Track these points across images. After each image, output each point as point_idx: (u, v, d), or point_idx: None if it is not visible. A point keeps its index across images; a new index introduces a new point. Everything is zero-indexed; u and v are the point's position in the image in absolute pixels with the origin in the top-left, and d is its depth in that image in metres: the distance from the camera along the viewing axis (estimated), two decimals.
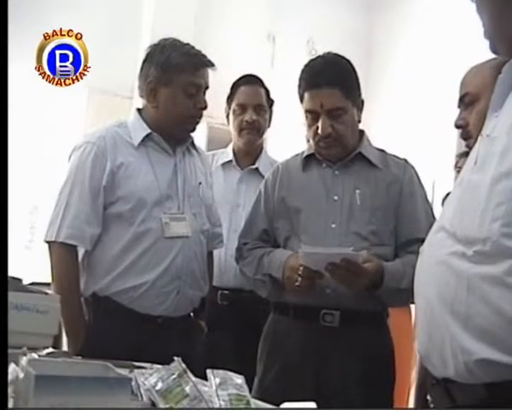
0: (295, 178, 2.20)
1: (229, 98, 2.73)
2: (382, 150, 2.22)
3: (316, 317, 2.01)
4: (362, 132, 2.21)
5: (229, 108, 2.73)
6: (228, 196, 2.63)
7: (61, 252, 2.13)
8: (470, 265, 1.17)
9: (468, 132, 1.73)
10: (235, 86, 2.73)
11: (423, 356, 1.31)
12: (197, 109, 2.20)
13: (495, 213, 1.15)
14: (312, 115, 2.09)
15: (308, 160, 2.20)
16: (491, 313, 1.13)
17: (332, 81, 2.06)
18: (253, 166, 2.74)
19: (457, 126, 1.77)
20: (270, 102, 2.76)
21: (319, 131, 2.07)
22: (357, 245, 2.00)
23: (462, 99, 1.76)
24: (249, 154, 2.75)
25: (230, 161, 2.75)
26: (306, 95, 2.10)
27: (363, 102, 2.17)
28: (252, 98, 2.68)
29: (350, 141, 2.13)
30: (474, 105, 1.71)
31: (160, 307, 2.13)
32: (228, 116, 2.76)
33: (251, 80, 2.72)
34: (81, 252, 2.17)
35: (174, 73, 2.16)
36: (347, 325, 2.00)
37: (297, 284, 1.97)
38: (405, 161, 2.18)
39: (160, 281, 2.13)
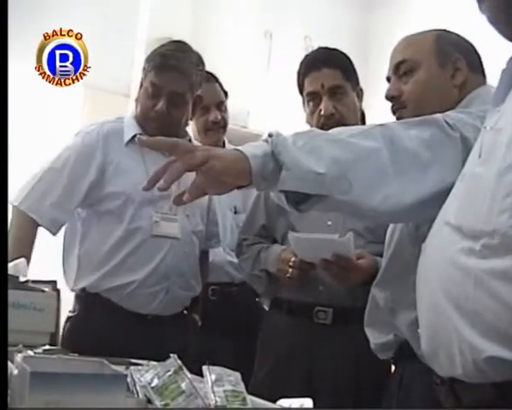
0: None
1: None
2: None
3: (309, 314, 2.02)
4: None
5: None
6: None
7: (24, 219, 2.13)
8: (478, 260, 1.13)
9: (403, 103, 1.65)
10: None
11: (428, 355, 1.27)
12: (154, 112, 2.17)
13: (503, 205, 1.11)
14: (314, 98, 2.10)
15: None
16: (499, 308, 1.09)
17: (331, 62, 2.10)
18: None
19: (390, 97, 1.68)
20: (225, 94, 2.70)
21: (322, 111, 2.07)
22: None
23: (397, 67, 1.68)
24: None
25: None
26: (307, 79, 2.12)
27: (362, 91, 2.18)
28: (213, 97, 2.61)
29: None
30: (411, 74, 1.64)
31: (148, 306, 2.14)
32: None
33: (208, 78, 2.61)
34: (76, 249, 2.18)
35: (146, 71, 2.19)
36: (340, 323, 2.00)
37: (288, 275, 1.97)
38: None
39: (148, 280, 2.13)
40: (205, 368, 1.32)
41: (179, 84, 2.19)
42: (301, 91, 2.18)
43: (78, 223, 2.22)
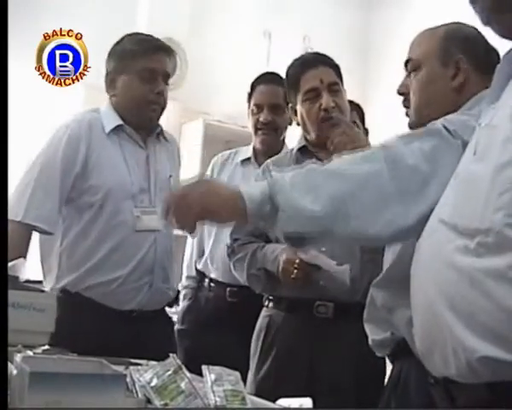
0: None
1: (249, 96, 2.69)
2: None
3: (309, 309, 2.03)
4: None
5: (249, 107, 2.68)
6: None
7: (23, 232, 2.09)
8: (473, 259, 1.12)
9: (409, 101, 1.70)
10: (254, 85, 2.67)
11: (422, 355, 1.27)
12: (154, 94, 2.20)
13: (498, 203, 1.10)
14: (313, 95, 2.15)
15: (301, 154, 2.22)
16: (494, 308, 1.09)
17: (326, 61, 2.20)
18: None
19: (399, 93, 1.74)
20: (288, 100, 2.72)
21: (323, 104, 2.12)
22: None
23: (405, 65, 1.73)
24: (268, 153, 2.66)
25: (249, 158, 2.71)
26: (304, 77, 2.17)
27: (345, 91, 2.24)
28: (267, 98, 2.62)
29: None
30: (415, 72, 1.68)
31: (132, 302, 2.13)
32: (248, 114, 2.71)
33: (268, 79, 2.66)
34: (56, 246, 2.15)
35: (129, 59, 2.19)
36: (341, 317, 2.01)
37: (292, 276, 1.98)
38: None
39: (132, 275, 2.12)
40: (204, 368, 1.32)
41: (169, 66, 2.25)
42: (295, 94, 2.20)
43: (59, 220, 2.18)
